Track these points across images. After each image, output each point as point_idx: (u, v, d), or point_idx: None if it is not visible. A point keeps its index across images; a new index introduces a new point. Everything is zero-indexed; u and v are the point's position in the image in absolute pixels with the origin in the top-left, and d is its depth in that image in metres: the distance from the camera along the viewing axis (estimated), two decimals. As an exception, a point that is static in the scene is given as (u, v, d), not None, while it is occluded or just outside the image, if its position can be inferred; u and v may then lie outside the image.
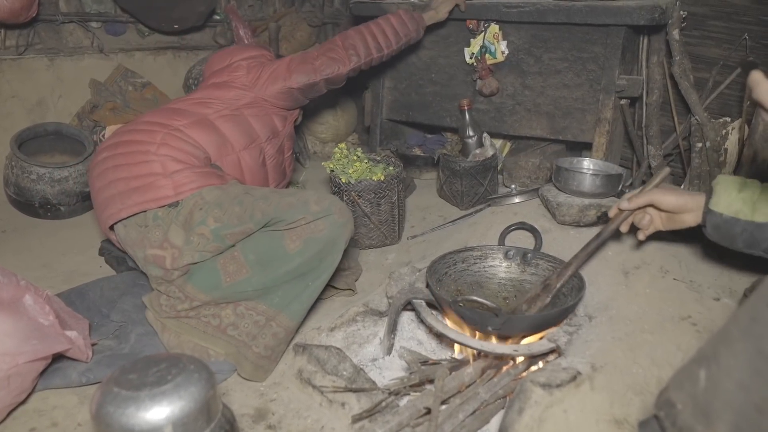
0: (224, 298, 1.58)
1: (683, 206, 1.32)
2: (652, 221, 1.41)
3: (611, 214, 1.48)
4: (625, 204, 1.41)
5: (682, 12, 2.30)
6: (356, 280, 2.03)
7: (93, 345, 1.62)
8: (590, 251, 1.50)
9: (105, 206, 1.73)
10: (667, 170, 1.42)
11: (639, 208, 1.41)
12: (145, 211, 1.67)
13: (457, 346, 1.58)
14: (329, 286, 1.94)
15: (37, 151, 2.71)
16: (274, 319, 1.57)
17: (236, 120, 1.93)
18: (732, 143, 2.28)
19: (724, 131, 2.28)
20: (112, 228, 1.77)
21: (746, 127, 2.21)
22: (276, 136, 2.07)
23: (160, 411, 0.89)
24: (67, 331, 1.51)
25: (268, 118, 2.04)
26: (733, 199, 1.23)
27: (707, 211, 1.26)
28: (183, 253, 1.59)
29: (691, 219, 1.33)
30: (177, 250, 1.60)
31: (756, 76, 0.99)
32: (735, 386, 0.63)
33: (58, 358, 1.52)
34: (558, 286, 1.49)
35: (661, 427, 0.71)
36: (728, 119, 2.30)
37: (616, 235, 1.81)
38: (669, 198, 1.33)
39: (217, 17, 3.46)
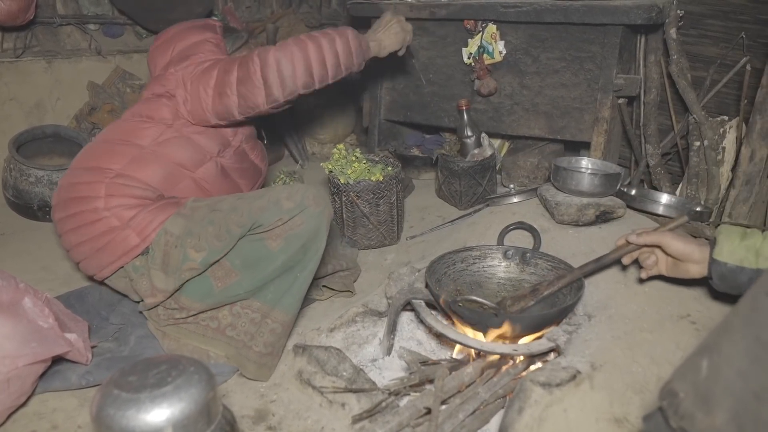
0: (219, 303, 1.58)
1: (689, 255, 1.33)
2: (657, 263, 1.42)
3: (618, 243, 1.48)
4: (633, 238, 1.42)
5: (679, 11, 2.31)
6: (355, 281, 2.03)
7: (92, 347, 1.62)
8: (586, 271, 1.50)
9: (84, 267, 1.73)
10: (685, 218, 1.41)
11: (647, 246, 1.42)
12: (123, 267, 1.66)
13: (456, 346, 1.58)
14: (327, 288, 1.94)
15: (35, 154, 2.71)
16: (269, 316, 1.57)
17: (179, 142, 1.74)
18: (730, 141, 2.28)
19: (721, 130, 2.28)
20: None
21: (744, 125, 2.21)
22: (228, 146, 1.87)
23: (160, 413, 0.89)
24: (67, 334, 1.51)
25: (214, 132, 1.82)
26: (736, 247, 1.24)
27: (712, 261, 1.27)
28: (174, 289, 1.59)
29: (696, 270, 1.34)
30: (166, 292, 1.58)
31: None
32: (734, 374, 0.63)
33: (57, 360, 1.52)
34: (545, 293, 1.49)
35: (664, 417, 0.72)
36: (726, 118, 2.30)
37: (617, 234, 1.81)
38: (677, 243, 1.34)
39: (215, 18, 3.46)
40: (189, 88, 1.73)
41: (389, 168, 2.26)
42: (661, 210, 2.05)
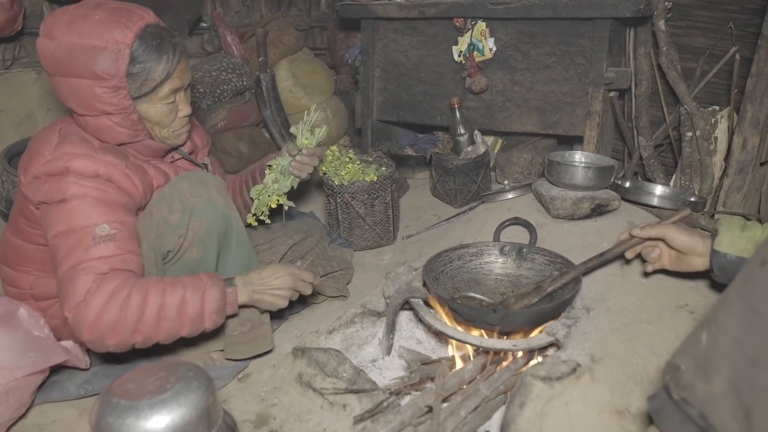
0: None
1: (693, 248, 1.33)
2: (660, 257, 1.42)
3: (621, 237, 1.48)
4: (637, 231, 1.42)
5: (667, 2, 2.31)
6: (348, 283, 2.03)
7: (88, 351, 1.61)
8: (590, 266, 1.50)
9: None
10: (687, 211, 1.42)
11: (650, 239, 1.42)
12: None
13: (456, 344, 1.58)
14: (322, 294, 1.92)
15: (27, 165, 2.70)
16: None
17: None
18: (722, 131, 2.29)
19: (713, 120, 2.29)
20: None
21: (735, 114, 2.22)
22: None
23: (160, 420, 0.89)
24: (63, 342, 1.50)
25: None
26: (736, 238, 1.25)
27: (713, 252, 1.28)
28: None
29: (699, 263, 1.35)
30: None
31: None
32: (731, 342, 0.66)
33: (55, 370, 1.51)
34: (549, 290, 1.49)
35: (666, 391, 0.74)
36: (717, 108, 2.31)
37: (613, 227, 1.82)
38: (681, 236, 1.34)
39: (204, 25, 3.45)
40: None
41: (383, 168, 2.26)
42: (655, 201, 2.05)
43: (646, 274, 1.51)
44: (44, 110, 2.94)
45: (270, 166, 1.76)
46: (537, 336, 1.44)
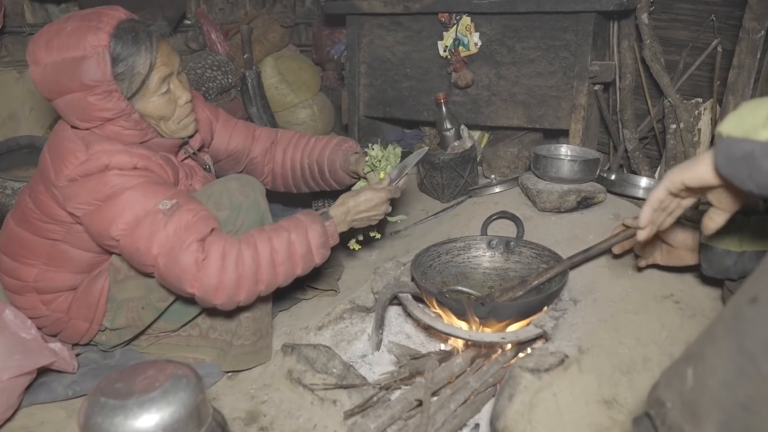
0: (195, 315, 1.59)
1: (683, 241, 1.35)
2: (653, 251, 1.43)
3: (614, 231, 1.49)
4: (630, 221, 1.43)
5: (649, -4, 2.33)
6: (338, 279, 2.03)
7: (77, 355, 1.60)
8: (576, 261, 1.52)
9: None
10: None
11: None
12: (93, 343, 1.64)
13: (445, 337, 1.59)
14: (311, 287, 1.93)
15: (11, 166, 2.66)
16: (240, 308, 1.53)
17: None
18: (705, 123, 2.31)
19: (696, 112, 2.31)
20: None
21: (718, 106, 2.24)
22: None
23: (149, 418, 0.88)
24: (51, 344, 1.49)
25: None
26: (721, 232, 1.26)
27: (701, 246, 1.29)
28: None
29: (689, 257, 1.36)
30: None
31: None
32: (720, 385, 0.63)
33: (42, 372, 1.50)
34: (534, 284, 1.50)
35: (653, 425, 0.72)
36: (700, 100, 2.33)
37: (599, 219, 1.83)
38: (674, 229, 1.35)
39: (188, 22, 3.42)
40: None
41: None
42: (641, 193, 2.07)
43: (640, 269, 1.53)
44: (27, 110, 2.90)
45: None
46: (525, 328, 1.45)
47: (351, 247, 1.75)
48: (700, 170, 0.95)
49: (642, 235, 1.06)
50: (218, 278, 1.32)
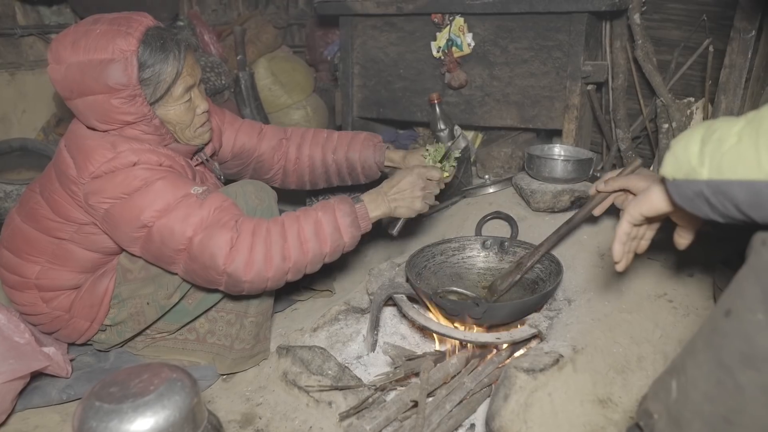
0: (194, 317, 1.59)
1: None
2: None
3: (591, 192, 1.50)
4: (602, 186, 1.44)
5: (641, -4, 2.34)
6: (334, 280, 2.03)
7: (71, 360, 1.59)
8: (562, 234, 1.52)
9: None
10: (639, 161, 1.44)
11: (615, 191, 1.43)
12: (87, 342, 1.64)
13: (440, 338, 1.59)
14: (307, 288, 1.93)
15: (2, 169, 2.65)
16: (246, 314, 1.58)
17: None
18: (697, 122, 2.32)
19: (688, 111, 2.32)
20: None
21: (710, 106, 2.25)
22: None
23: (144, 422, 0.88)
24: (44, 348, 1.48)
25: None
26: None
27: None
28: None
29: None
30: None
31: None
32: (702, 397, 0.64)
33: (36, 376, 1.49)
34: (529, 264, 1.51)
35: None
36: (692, 99, 2.34)
37: (592, 220, 1.84)
38: (642, 183, 1.36)
39: (181, 23, 3.41)
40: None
41: None
42: (634, 193, 2.08)
43: (624, 267, 1.53)
44: (19, 112, 2.89)
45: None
46: (520, 328, 1.46)
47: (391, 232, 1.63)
48: (654, 203, 1.01)
49: (619, 267, 1.11)
50: (248, 254, 1.36)
